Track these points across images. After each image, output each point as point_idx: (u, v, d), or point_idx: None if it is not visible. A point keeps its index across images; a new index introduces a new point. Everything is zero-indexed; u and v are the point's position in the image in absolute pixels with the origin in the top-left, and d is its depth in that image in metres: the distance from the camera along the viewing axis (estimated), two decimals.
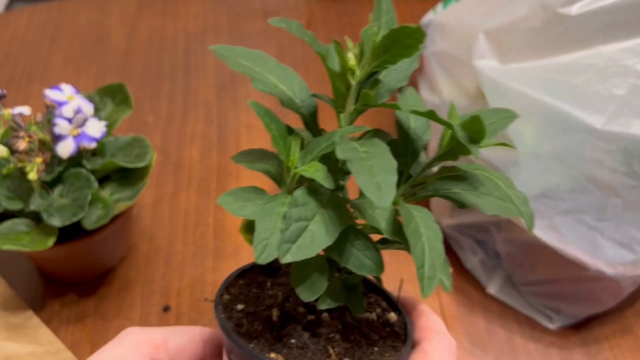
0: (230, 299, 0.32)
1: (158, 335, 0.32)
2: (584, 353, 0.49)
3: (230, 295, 0.32)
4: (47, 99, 0.45)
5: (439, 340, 0.31)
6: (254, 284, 0.33)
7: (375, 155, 0.25)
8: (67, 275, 0.51)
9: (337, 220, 0.26)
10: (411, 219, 0.26)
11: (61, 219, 0.43)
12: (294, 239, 0.25)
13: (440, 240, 0.26)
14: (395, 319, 0.33)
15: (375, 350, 0.31)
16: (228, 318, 0.31)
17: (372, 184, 0.23)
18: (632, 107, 0.43)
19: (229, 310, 0.31)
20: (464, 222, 0.53)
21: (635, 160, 0.43)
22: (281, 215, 0.25)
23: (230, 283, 0.33)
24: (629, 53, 0.44)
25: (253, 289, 0.33)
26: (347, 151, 0.25)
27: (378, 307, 0.34)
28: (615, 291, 0.47)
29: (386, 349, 0.31)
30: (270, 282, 0.34)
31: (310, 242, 0.25)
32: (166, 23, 0.80)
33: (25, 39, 0.76)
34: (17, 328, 0.48)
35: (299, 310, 0.32)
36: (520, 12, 0.47)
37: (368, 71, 0.28)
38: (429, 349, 0.30)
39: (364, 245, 0.28)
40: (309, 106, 0.31)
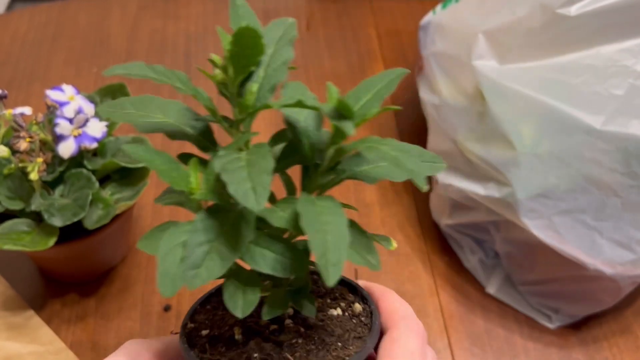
0: (195, 326, 0.32)
1: (159, 345, 0.32)
2: (583, 352, 0.49)
3: (195, 323, 0.32)
4: (48, 99, 0.45)
5: (407, 325, 0.31)
6: (220, 306, 0.33)
7: (256, 161, 0.24)
8: (68, 275, 0.52)
9: (243, 233, 0.25)
10: (309, 210, 0.25)
11: (62, 219, 0.43)
12: (199, 263, 0.24)
13: (345, 225, 0.25)
14: (360, 309, 0.33)
15: (338, 346, 0.30)
16: (192, 346, 0.30)
17: (244, 191, 0.23)
18: (631, 107, 0.43)
19: (193, 338, 0.31)
20: (463, 221, 0.53)
21: (634, 160, 0.43)
22: (180, 244, 0.25)
23: (195, 311, 0.33)
24: (628, 53, 0.44)
25: (219, 311, 0.33)
26: (226, 163, 0.24)
27: (343, 300, 0.33)
28: (614, 291, 0.47)
29: (351, 341, 0.31)
30: None
31: (217, 262, 0.24)
32: (167, 24, 0.80)
33: (26, 40, 0.77)
34: (18, 328, 0.48)
35: (261, 323, 0.31)
36: (519, 13, 0.47)
37: (239, 80, 0.28)
38: (396, 336, 0.30)
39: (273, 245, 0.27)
40: (200, 129, 0.30)
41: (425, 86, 0.58)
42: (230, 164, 0.24)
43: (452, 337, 0.50)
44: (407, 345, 0.30)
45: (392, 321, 0.31)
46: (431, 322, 0.51)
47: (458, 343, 0.50)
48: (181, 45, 0.76)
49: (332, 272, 0.23)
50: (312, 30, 0.79)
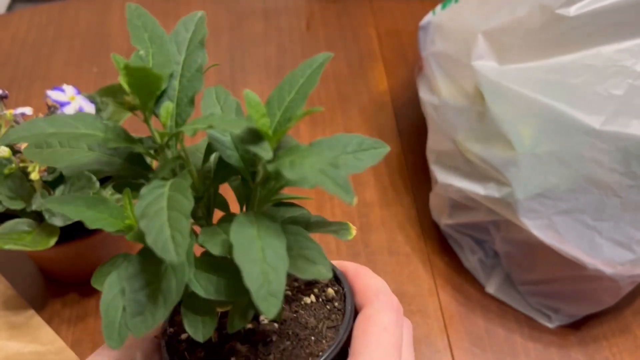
0: (175, 330, 0.32)
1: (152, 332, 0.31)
2: (583, 352, 0.50)
3: (174, 326, 0.32)
4: (49, 99, 0.45)
5: (382, 301, 0.30)
6: None
7: (176, 199, 0.22)
8: (69, 275, 0.52)
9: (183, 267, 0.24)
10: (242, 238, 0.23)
11: (63, 219, 0.43)
12: (141, 309, 0.23)
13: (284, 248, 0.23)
14: (333, 293, 0.32)
15: (312, 340, 0.30)
16: (172, 352, 0.30)
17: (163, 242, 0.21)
18: (630, 107, 0.43)
19: (173, 343, 0.31)
20: (462, 221, 0.53)
21: (633, 160, 0.43)
22: (115, 295, 0.24)
23: (174, 312, 0.32)
24: (628, 54, 0.44)
25: None
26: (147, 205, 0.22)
27: (316, 285, 0.33)
28: (613, 290, 0.47)
29: (324, 332, 0.30)
30: None
31: (161, 304, 0.23)
32: (167, 24, 0.80)
33: (27, 40, 0.77)
34: (18, 327, 0.48)
35: None
36: (519, 13, 0.47)
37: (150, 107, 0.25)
38: (371, 313, 0.30)
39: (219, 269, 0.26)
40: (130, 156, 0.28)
41: (425, 86, 0.58)
42: (150, 207, 0.22)
43: (452, 337, 0.50)
44: (381, 320, 0.29)
45: (366, 298, 0.31)
46: (431, 322, 0.51)
47: (458, 343, 0.50)
48: None
49: (271, 304, 0.21)
50: (312, 30, 0.79)
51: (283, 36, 0.78)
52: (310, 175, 0.22)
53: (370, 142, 0.27)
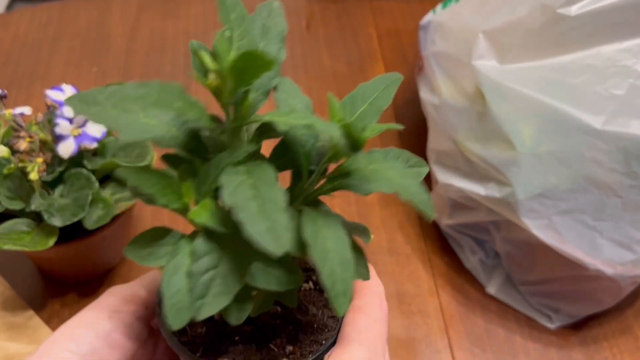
0: None
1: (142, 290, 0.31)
2: (583, 352, 0.49)
3: None
4: (48, 99, 0.45)
5: (375, 298, 0.30)
6: None
7: (263, 190, 0.22)
8: (68, 275, 0.52)
9: (244, 257, 0.24)
10: (316, 236, 0.24)
11: (62, 219, 0.43)
12: (204, 292, 0.24)
13: (349, 248, 0.24)
14: None
15: (314, 328, 0.31)
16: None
17: (264, 232, 0.21)
18: (631, 107, 0.43)
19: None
20: (463, 221, 0.53)
21: (634, 160, 0.43)
22: (185, 272, 0.24)
23: None
24: (628, 53, 0.44)
25: None
26: (234, 194, 0.22)
27: (314, 272, 0.33)
28: (614, 291, 0.47)
29: (326, 321, 0.31)
30: None
31: (222, 289, 0.24)
32: (167, 23, 0.80)
33: (27, 40, 0.77)
34: (17, 328, 0.48)
35: None
36: (519, 13, 0.47)
37: (234, 89, 0.25)
38: (363, 304, 0.30)
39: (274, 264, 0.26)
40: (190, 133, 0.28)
41: (425, 86, 0.57)
42: (238, 195, 0.22)
43: (452, 337, 0.50)
44: (373, 313, 0.30)
45: (360, 290, 0.31)
46: (431, 322, 0.51)
47: (458, 343, 0.50)
48: (181, 45, 0.76)
49: (343, 303, 0.23)
50: (312, 30, 0.79)
51: None
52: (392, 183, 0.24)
53: (415, 160, 0.30)
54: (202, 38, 0.26)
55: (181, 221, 0.26)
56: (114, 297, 0.31)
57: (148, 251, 0.26)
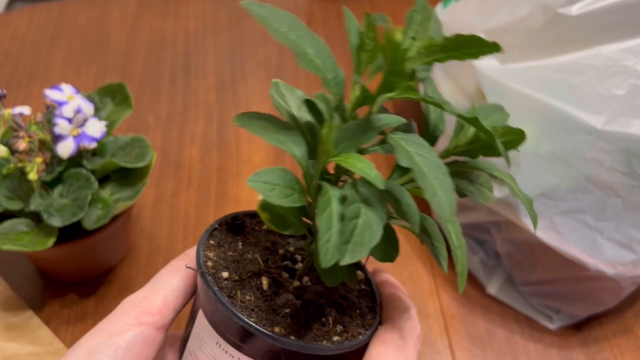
0: (213, 265, 0.31)
1: (158, 300, 0.31)
2: (584, 353, 0.49)
3: (210, 260, 0.31)
4: (47, 99, 0.45)
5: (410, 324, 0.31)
6: (225, 244, 0.33)
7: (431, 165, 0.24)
8: (67, 275, 0.51)
9: (380, 216, 0.25)
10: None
11: (61, 219, 0.43)
12: (349, 238, 0.24)
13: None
14: (362, 276, 0.35)
15: (357, 313, 0.32)
16: (220, 289, 0.30)
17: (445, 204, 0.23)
18: (632, 107, 0.43)
19: (216, 280, 0.30)
20: (463, 222, 0.53)
21: (635, 160, 0.43)
22: (336, 214, 0.25)
23: (207, 246, 0.32)
24: (629, 53, 0.44)
25: (228, 252, 0.33)
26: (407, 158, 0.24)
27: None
28: (615, 291, 0.47)
29: (364, 310, 0.32)
30: (242, 243, 0.33)
31: (361, 241, 0.24)
32: (166, 23, 0.80)
33: (26, 39, 0.76)
34: (17, 328, 0.48)
35: (283, 276, 0.32)
36: (520, 12, 0.47)
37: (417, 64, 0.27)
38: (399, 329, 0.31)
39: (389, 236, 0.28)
40: (340, 84, 0.29)
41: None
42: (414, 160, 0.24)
43: (452, 337, 0.50)
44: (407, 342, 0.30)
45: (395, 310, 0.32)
46: (432, 322, 0.51)
47: (459, 343, 0.50)
48: (181, 45, 0.76)
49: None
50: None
51: None
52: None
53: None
54: (202, 38, 0.26)
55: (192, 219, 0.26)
56: (131, 309, 0.31)
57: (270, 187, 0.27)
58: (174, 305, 0.31)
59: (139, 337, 0.30)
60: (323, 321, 0.31)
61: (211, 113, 0.68)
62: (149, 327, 0.30)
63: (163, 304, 0.31)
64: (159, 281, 0.32)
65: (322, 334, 0.30)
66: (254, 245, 0.33)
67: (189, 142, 0.65)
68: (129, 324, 0.30)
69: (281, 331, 0.29)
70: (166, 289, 0.31)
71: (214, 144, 0.64)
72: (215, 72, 0.73)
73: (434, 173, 0.24)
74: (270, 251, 0.34)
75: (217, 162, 0.63)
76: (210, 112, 0.68)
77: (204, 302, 0.31)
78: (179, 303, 0.32)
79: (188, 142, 0.65)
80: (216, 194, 0.59)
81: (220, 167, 0.62)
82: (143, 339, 0.30)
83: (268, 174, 0.27)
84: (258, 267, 0.32)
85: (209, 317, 0.31)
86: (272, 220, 0.29)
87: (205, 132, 0.66)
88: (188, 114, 0.68)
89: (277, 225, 0.29)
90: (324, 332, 0.30)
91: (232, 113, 0.68)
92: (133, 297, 0.32)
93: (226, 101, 0.69)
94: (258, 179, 0.27)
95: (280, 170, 0.27)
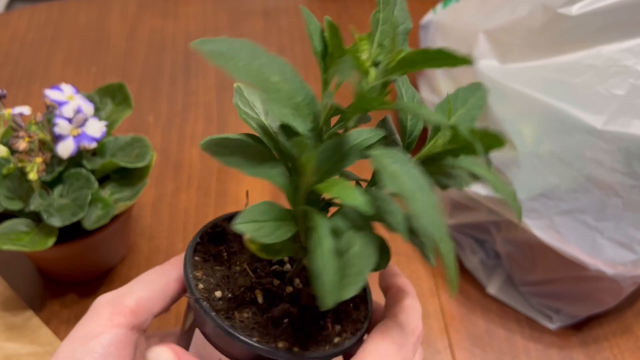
0: (204, 287, 0.31)
1: (131, 300, 0.31)
2: (584, 353, 0.49)
3: (200, 282, 0.31)
4: (47, 98, 0.45)
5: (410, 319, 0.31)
6: (210, 258, 0.32)
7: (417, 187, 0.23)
8: (67, 275, 0.51)
9: (372, 238, 0.25)
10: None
11: (61, 219, 0.43)
12: (346, 272, 0.24)
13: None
14: None
15: (351, 308, 0.32)
16: (216, 311, 0.29)
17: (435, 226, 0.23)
18: (632, 107, 0.43)
19: (211, 303, 0.30)
20: (463, 221, 0.53)
21: (635, 160, 0.43)
22: (329, 253, 0.24)
23: (193, 264, 0.31)
24: (629, 53, 0.44)
25: (215, 266, 0.32)
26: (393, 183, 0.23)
27: None
28: (615, 291, 0.47)
29: (357, 302, 0.32)
30: (226, 252, 0.33)
31: (359, 269, 0.24)
32: (166, 23, 0.80)
33: (26, 39, 0.76)
34: (17, 328, 0.48)
35: (275, 284, 0.32)
36: (520, 12, 0.47)
37: (384, 80, 0.26)
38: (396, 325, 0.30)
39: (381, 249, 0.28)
40: (310, 104, 0.29)
41: (425, 86, 0.57)
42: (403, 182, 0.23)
43: (452, 337, 0.50)
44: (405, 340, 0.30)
45: (397, 304, 0.31)
46: (432, 322, 0.51)
47: (459, 343, 0.50)
48: (181, 45, 0.76)
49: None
50: None
51: (283, 36, 0.78)
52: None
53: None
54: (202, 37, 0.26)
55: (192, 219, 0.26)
56: (103, 308, 0.30)
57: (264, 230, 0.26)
58: (150, 308, 0.31)
59: (114, 340, 0.29)
60: (321, 324, 0.31)
61: (211, 113, 0.68)
62: (122, 328, 0.30)
63: (136, 305, 0.30)
64: (137, 282, 0.32)
65: (323, 338, 0.30)
66: (239, 254, 0.33)
67: (189, 142, 0.65)
68: (102, 325, 0.30)
69: (285, 345, 0.29)
70: (142, 290, 0.31)
71: None
72: (215, 72, 0.73)
73: (419, 194, 0.23)
74: (257, 257, 0.33)
75: (217, 162, 0.63)
76: (210, 112, 0.68)
77: (202, 324, 0.31)
78: (156, 307, 0.31)
79: (188, 142, 0.65)
80: (216, 194, 0.59)
81: (220, 167, 0.62)
82: (118, 340, 0.29)
83: (254, 212, 0.26)
84: (249, 280, 0.31)
85: (209, 338, 0.30)
86: (262, 250, 0.28)
87: (205, 132, 0.66)
88: (188, 114, 0.68)
89: (268, 253, 0.28)
90: (324, 335, 0.30)
91: (232, 113, 0.68)
92: (107, 295, 0.31)
93: (226, 101, 0.69)
94: (246, 220, 0.26)
95: (265, 205, 0.27)
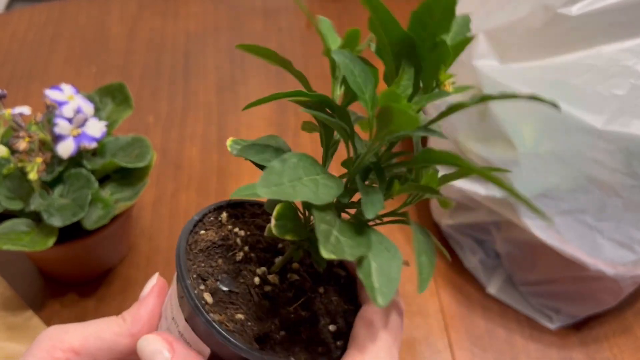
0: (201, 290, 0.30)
1: (77, 339, 0.30)
2: (584, 353, 0.49)
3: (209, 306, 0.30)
4: (48, 98, 0.45)
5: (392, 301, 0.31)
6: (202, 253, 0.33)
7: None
8: (68, 275, 0.51)
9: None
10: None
11: (61, 219, 0.43)
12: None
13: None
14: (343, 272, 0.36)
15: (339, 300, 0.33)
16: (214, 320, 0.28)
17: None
18: (632, 107, 0.43)
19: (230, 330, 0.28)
20: (463, 222, 0.53)
21: (635, 160, 0.43)
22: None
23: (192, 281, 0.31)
24: (629, 53, 0.44)
25: (210, 261, 0.32)
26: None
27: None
28: (614, 291, 0.47)
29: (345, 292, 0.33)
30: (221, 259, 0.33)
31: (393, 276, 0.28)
32: (166, 23, 0.80)
33: (26, 39, 0.76)
34: (17, 328, 0.48)
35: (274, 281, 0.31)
36: (520, 12, 0.47)
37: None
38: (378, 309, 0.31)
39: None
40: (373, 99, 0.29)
41: None
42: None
43: (452, 337, 0.50)
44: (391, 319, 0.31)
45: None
46: (432, 322, 0.51)
47: (458, 343, 0.50)
48: (181, 45, 0.76)
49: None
50: (312, 30, 0.79)
51: (283, 35, 0.78)
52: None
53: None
54: (202, 38, 0.26)
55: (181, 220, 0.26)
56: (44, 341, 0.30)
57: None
58: (94, 353, 0.30)
59: None
60: (320, 324, 0.31)
61: (211, 113, 0.68)
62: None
63: (80, 346, 0.30)
64: (95, 322, 0.31)
65: (317, 331, 0.31)
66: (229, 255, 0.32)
67: (189, 142, 0.65)
68: (40, 357, 0.29)
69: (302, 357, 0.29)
70: (94, 332, 0.30)
71: (214, 144, 0.64)
72: (215, 72, 0.73)
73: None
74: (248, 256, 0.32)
75: (217, 162, 0.63)
76: (210, 112, 0.68)
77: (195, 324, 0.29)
78: (101, 356, 0.30)
79: (188, 142, 0.65)
80: (216, 194, 0.59)
81: (220, 167, 0.62)
82: None
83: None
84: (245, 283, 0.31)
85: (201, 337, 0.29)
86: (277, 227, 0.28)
87: (205, 132, 0.66)
88: (188, 114, 0.68)
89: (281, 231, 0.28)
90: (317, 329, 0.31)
91: (232, 113, 0.68)
92: (56, 327, 0.31)
93: (226, 101, 0.69)
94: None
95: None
